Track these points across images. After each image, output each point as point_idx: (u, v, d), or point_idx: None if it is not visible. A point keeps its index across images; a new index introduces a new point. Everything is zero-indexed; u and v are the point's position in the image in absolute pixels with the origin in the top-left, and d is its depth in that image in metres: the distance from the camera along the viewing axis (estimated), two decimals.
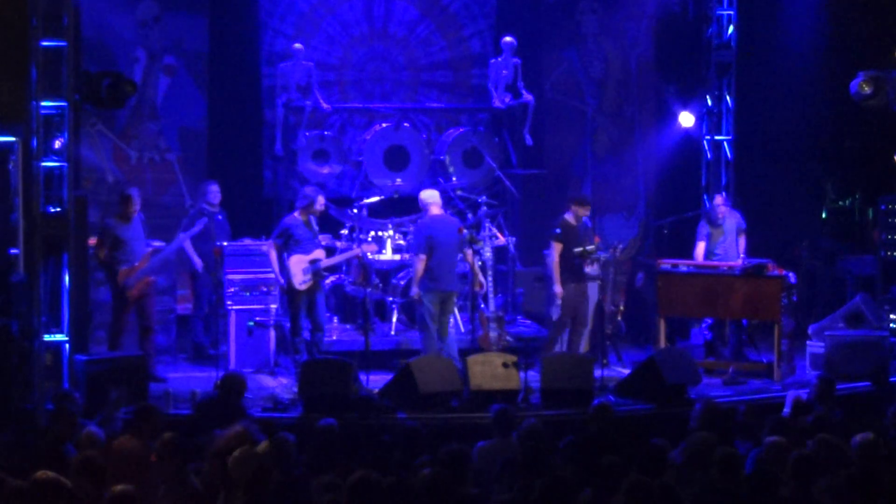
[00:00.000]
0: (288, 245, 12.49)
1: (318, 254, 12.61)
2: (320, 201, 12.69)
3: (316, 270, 12.51)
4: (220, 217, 13.63)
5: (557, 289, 12.89)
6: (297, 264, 12.42)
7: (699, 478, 7.48)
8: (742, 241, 13.63)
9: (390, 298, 13.59)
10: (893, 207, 14.21)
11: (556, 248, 12.88)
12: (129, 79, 12.25)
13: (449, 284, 12.38)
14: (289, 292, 12.55)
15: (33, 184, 10.40)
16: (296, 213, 12.69)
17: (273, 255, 12.60)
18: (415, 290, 12.37)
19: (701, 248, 13.61)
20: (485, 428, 9.48)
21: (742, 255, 13.30)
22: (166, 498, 6.89)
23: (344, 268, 13.79)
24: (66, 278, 10.77)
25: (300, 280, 12.41)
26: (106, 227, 12.40)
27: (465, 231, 12.45)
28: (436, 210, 12.55)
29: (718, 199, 13.78)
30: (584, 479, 7.38)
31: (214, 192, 13.61)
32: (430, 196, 12.64)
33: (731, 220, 13.67)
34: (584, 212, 13.10)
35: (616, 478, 7.07)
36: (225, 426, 7.97)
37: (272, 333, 13.17)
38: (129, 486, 6.47)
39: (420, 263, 12.27)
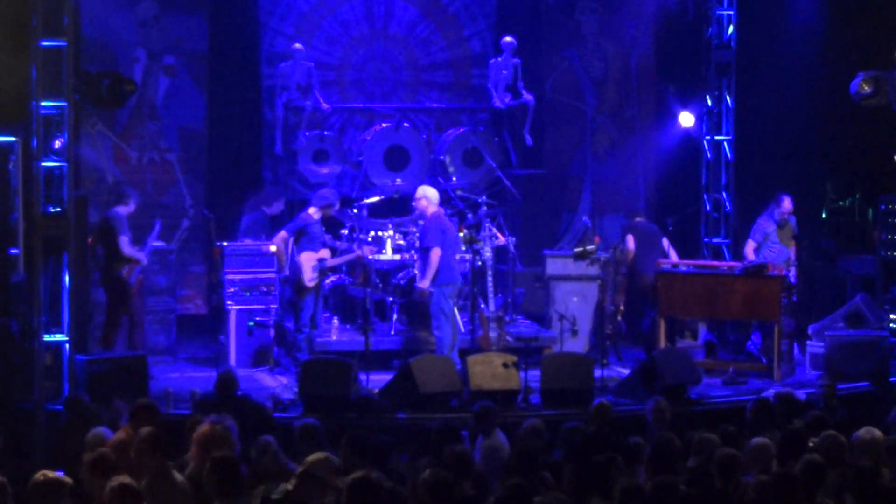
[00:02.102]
0: (299, 242, 12.59)
1: (324, 253, 12.76)
2: (336, 206, 12.84)
3: (322, 269, 12.62)
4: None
5: None
6: (308, 261, 12.51)
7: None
8: (792, 250, 13.48)
9: (390, 298, 13.57)
10: (893, 207, 14.19)
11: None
12: (129, 79, 12.29)
13: (458, 276, 12.46)
14: (297, 289, 12.57)
15: (33, 184, 10.39)
16: (311, 211, 12.76)
17: (284, 246, 12.62)
18: (425, 285, 12.18)
19: (751, 246, 13.37)
20: None
21: (794, 264, 13.22)
22: (148, 492, 6.87)
23: (344, 268, 13.80)
24: (66, 278, 10.77)
25: (309, 277, 12.49)
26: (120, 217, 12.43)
27: (464, 231, 12.51)
28: (435, 208, 12.49)
29: (787, 203, 13.31)
30: (580, 478, 7.38)
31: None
32: (433, 194, 12.51)
33: (789, 225, 13.54)
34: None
35: (613, 477, 7.06)
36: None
37: (272, 333, 13.19)
38: (128, 479, 6.48)
39: (436, 256, 12.12)
